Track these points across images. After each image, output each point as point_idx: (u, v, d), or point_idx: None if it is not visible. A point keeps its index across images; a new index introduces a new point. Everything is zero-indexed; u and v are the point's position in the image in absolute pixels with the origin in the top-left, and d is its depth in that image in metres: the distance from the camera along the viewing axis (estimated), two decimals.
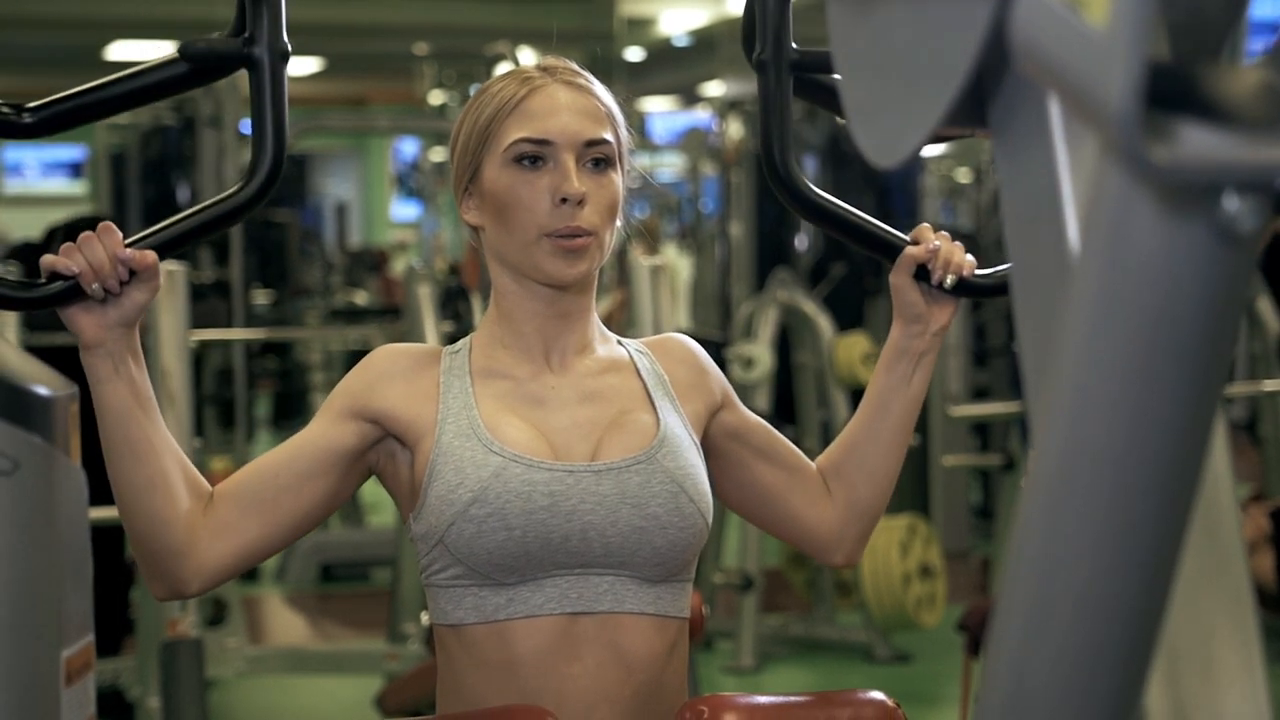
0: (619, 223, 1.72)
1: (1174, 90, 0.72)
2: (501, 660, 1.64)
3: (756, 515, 1.83)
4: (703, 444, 1.76)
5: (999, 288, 1.82)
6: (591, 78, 1.74)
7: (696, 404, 1.76)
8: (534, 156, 1.68)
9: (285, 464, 1.66)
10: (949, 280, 1.75)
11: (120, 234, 1.57)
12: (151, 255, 1.58)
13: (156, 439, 1.60)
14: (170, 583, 1.62)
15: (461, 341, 1.75)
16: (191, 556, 1.61)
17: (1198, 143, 0.71)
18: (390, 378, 1.69)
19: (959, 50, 0.87)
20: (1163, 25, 0.81)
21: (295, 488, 1.65)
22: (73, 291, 1.57)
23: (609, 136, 1.70)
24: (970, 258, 1.76)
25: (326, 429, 1.68)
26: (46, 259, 1.57)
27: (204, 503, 1.63)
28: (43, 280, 1.58)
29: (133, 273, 1.57)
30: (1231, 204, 0.73)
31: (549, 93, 1.69)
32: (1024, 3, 0.74)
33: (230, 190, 1.66)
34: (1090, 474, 0.79)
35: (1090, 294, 0.77)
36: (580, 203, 1.66)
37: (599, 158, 1.69)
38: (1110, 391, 0.78)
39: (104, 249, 1.56)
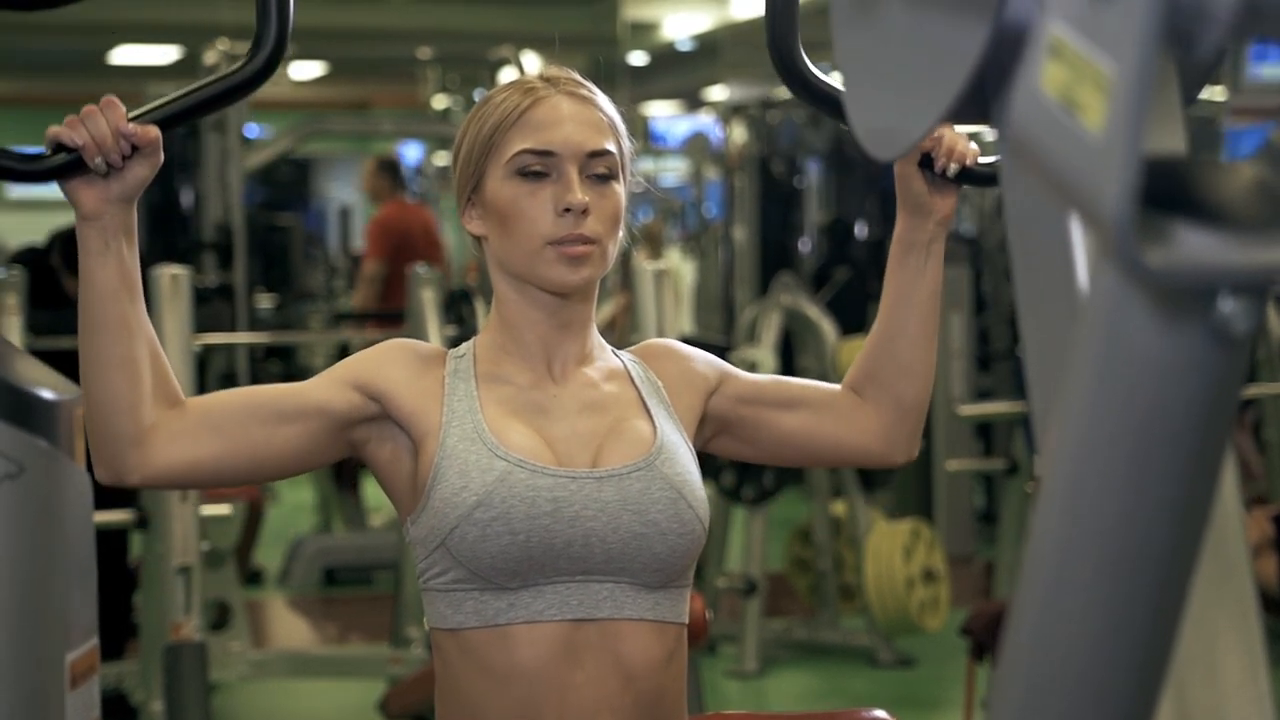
0: (621, 233, 1.73)
1: (1169, 189, 0.72)
2: (502, 666, 1.64)
3: (802, 459, 1.84)
4: (716, 419, 1.78)
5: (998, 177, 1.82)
6: (594, 88, 1.74)
7: (690, 397, 1.77)
8: (537, 168, 1.68)
9: (268, 399, 1.66)
10: (952, 168, 1.75)
11: (123, 108, 1.58)
12: (154, 130, 1.59)
13: (134, 322, 1.59)
14: (115, 468, 1.60)
15: (464, 346, 1.75)
16: (142, 448, 1.59)
17: (1193, 245, 0.71)
18: (399, 365, 1.70)
19: (959, 58, 0.87)
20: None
21: (269, 425, 1.64)
22: (75, 165, 1.58)
23: (612, 148, 1.71)
24: (974, 145, 1.76)
25: (322, 386, 1.68)
26: (51, 130, 1.58)
27: (171, 405, 1.62)
28: (46, 153, 1.59)
29: (135, 148, 1.58)
30: (1226, 305, 0.74)
31: (552, 104, 1.70)
32: (1022, 100, 0.75)
33: (234, 66, 1.67)
34: (1087, 560, 0.80)
35: (1086, 387, 0.78)
36: (584, 212, 1.67)
37: (602, 169, 1.70)
38: (1107, 481, 0.79)
39: (107, 123, 1.56)
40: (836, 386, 1.83)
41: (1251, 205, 0.72)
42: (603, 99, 1.74)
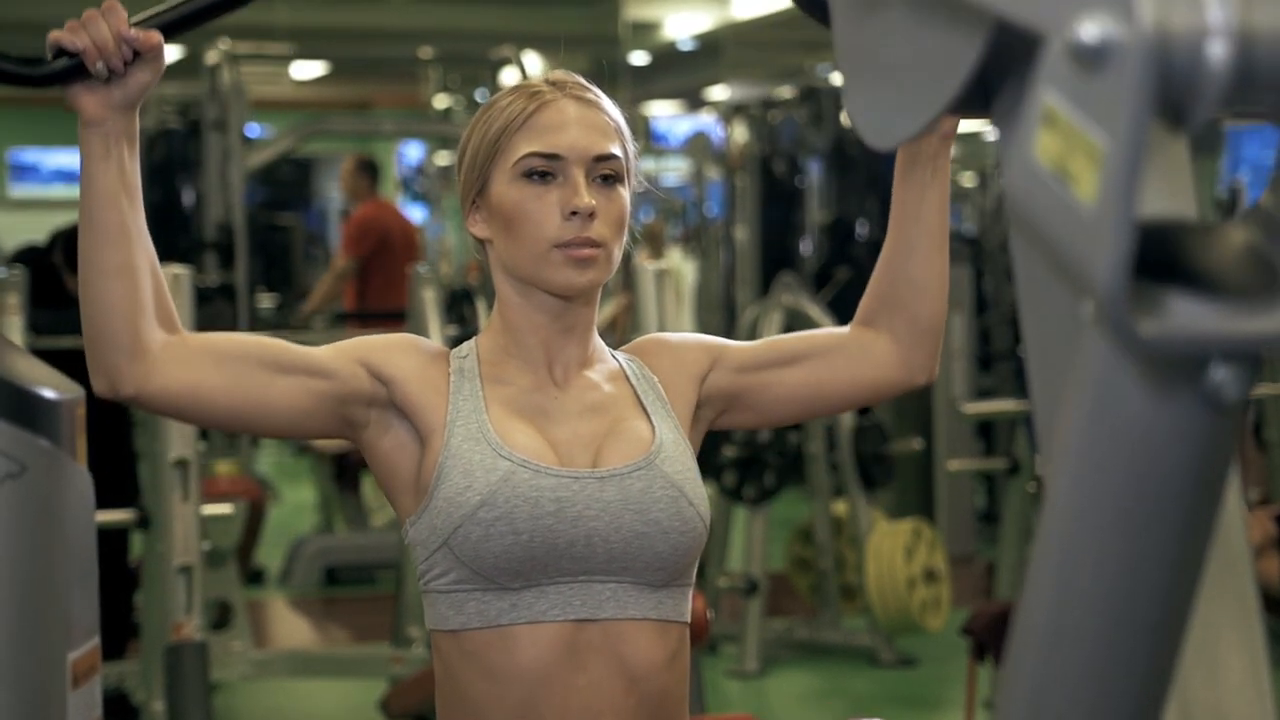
0: (625, 237, 1.72)
1: (1161, 255, 0.72)
2: (504, 668, 1.63)
3: (818, 410, 1.82)
4: (719, 397, 1.77)
5: None
6: (599, 92, 1.74)
7: (685, 386, 1.76)
8: (543, 171, 1.68)
9: (275, 348, 1.65)
10: None
11: (125, 13, 1.58)
12: (156, 35, 1.59)
13: (134, 230, 1.59)
14: (111, 379, 1.59)
15: (466, 346, 1.74)
16: (142, 363, 1.58)
17: (1184, 315, 0.71)
18: (408, 355, 1.69)
19: (958, 58, 0.87)
20: None
21: (271, 372, 1.63)
22: (77, 70, 1.58)
23: (617, 151, 1.70)
24: None
25: (329, 355, 1.67)
26: (52, 35, 1.58)
27: (169, 328, 1.61)
28: (48, 58, 1.59)
29: (137, 54, 1.58)
30: (1218, 374, 0.74)
31: (558, 107, 1.69)
32: (1016, 169, 0.75)
33: None
34: (1079, 620, 0.81)
35: (1079, 450, 0.79)
36: (591, 216, 1.66)
37: (608, 173, 1.69)
38: (1098, 543, 0.79)
39: (108, 28, 1.56)
40: (843, 329, 1.80)
41: (1242, 272, 0.72)
42: (607, 102, 1.74)
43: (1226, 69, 0.68)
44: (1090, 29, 0.70)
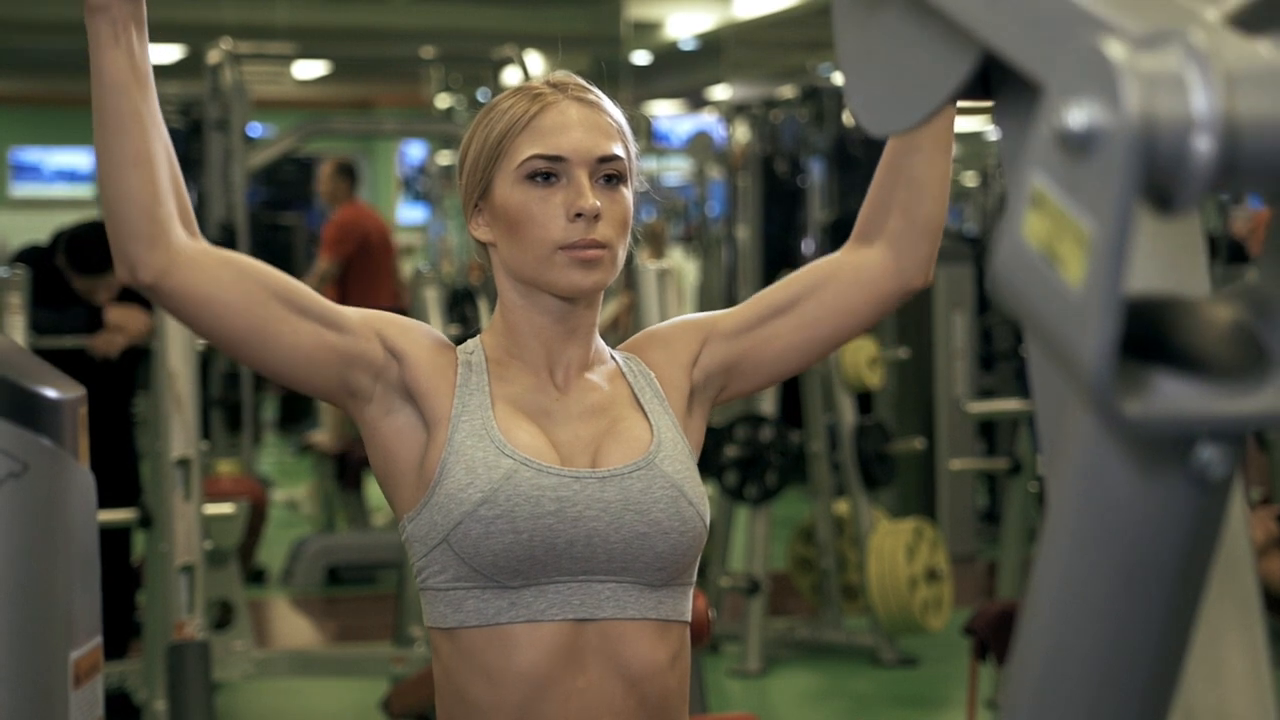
0: (629, 239, 1.71)
1: (1147, 334, 0.73)
2: (502, 670, 1.63)
3: (822, 349, 1.77)
4: (718, 370, 1.75)
5: None
6: (600, 93, 1.73)
7: (677, 375, 1.75)
8: (547, 173, 1.67)
9: (294, 288, 1.64)
10: None
11: None
12: None
13: (147, 117, 1.58)
14: (130, 266, 1.59)
15: (471, 343, 1.74)
16: (159, 252, 1.58)
17: (1170, 395, 0.72)
18: (424, 340, 1.69)
19: (957, 59, 0.87)
20: None
21: (286, 307, 1.62)
22: None
23: (620, 152, 1.69)
24: None
25: (349, 313, 1.66)
26: None
27: (186, 222, 1.60)
28: None
29: None
30: (1205, 453, 0.75)
31: (561, 109, 1.69)
32: (1005, 246, 0.76)
33: None
34: (1071, 688, 0.82)
35: (1067, 529, 0.80)
36: (595, 217, 1.65)
37: (611, 174, 1.68)
38: (1089, 615, 0.80)
39: None
40: (832, 256, 1.76)
41: (1228, 351, 0.73)
42: (609, 103, 1.73)
43: (1212, 157, 0.69)
44: (1077, 116, 0.71)
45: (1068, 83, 0.72)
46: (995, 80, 0.91)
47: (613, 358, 1.77)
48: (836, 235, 7.85)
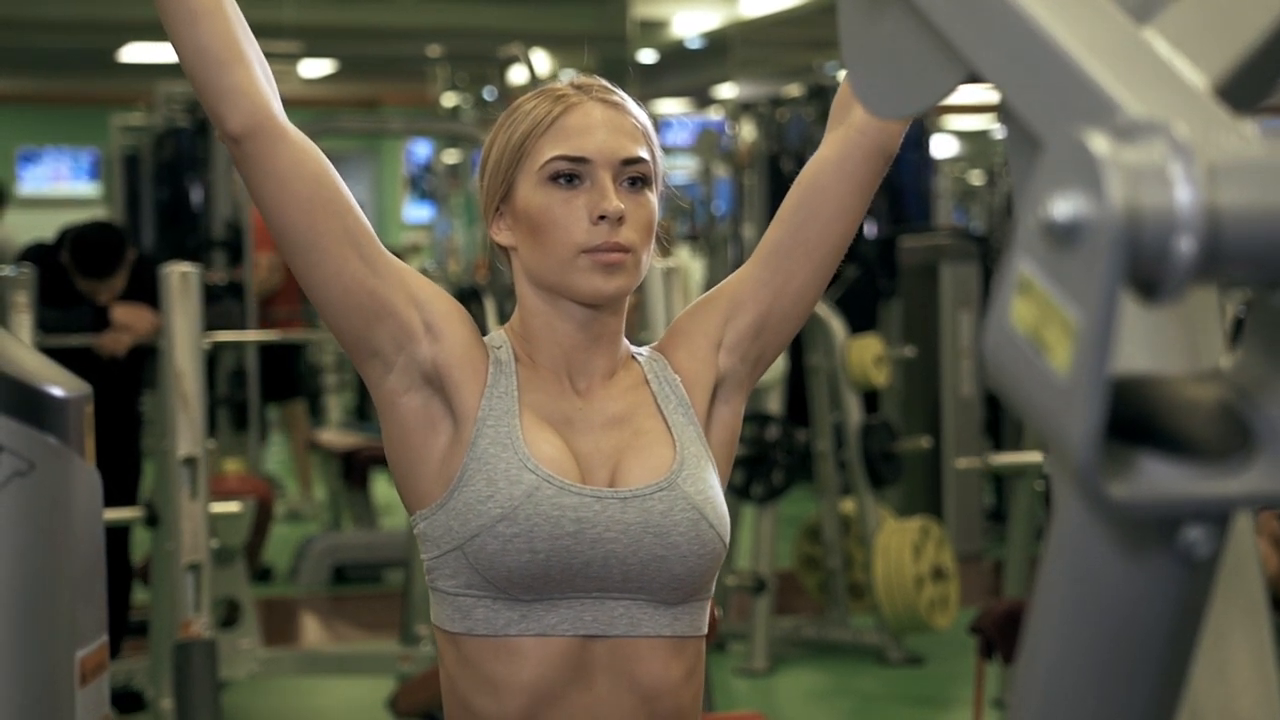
0: (653, 244, 1.67)
1: (1133, 417, 0.74)
2: (506, 681, 1.60)
3: (840, 252, 1.72)
4: (750, 333, 1.70)
5: None
6: (625, 95, 1.69)
7: (703, 372, 1.70)
8: (570, 175, 1.62)
9: (357, 217, 1.61)
10: None
11: None
12: None
13: None
14: (215, 114, 1.59)
15: (498, 336, 1.68)
16: (244, 112, 1.57)
17: (1156, 478, 0.73)
18: (464, 327, 1.64)
19: (959, 64, 0.87)
20: None
21: (339, 230, 1.59)
22: None
23: (645, 155, 1.65)
24: None
25: (395, 264, 1.62)
26: None
27: (267, 79, 1.61)
28: None
29: None
30: (1190, 533, 0.76)
31: (585, 110, 1.65)
32: (993, 334, 0.76)
33: None
34: None
35: (1055, 607, 0.81)
36: (619, 220, 1.61)
37: (635, 176, 1.64)
38: (1077, 692, 0.82)
39: None
40: (809, 164, 1.71)
41: (1214, 432, 0.74)
42: (633, 105, 1.69)
43: (1195, 249, 0.70)
44: (1062, 207, 0.72)
45: (1053, 174, 0.73)
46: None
47: (636, 358, 1.71)
48: None
